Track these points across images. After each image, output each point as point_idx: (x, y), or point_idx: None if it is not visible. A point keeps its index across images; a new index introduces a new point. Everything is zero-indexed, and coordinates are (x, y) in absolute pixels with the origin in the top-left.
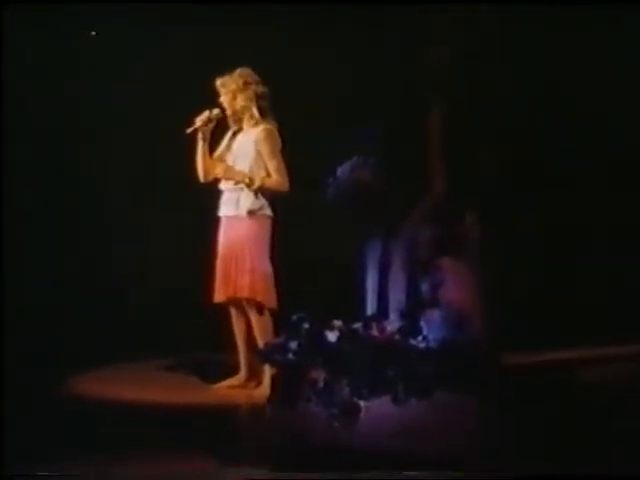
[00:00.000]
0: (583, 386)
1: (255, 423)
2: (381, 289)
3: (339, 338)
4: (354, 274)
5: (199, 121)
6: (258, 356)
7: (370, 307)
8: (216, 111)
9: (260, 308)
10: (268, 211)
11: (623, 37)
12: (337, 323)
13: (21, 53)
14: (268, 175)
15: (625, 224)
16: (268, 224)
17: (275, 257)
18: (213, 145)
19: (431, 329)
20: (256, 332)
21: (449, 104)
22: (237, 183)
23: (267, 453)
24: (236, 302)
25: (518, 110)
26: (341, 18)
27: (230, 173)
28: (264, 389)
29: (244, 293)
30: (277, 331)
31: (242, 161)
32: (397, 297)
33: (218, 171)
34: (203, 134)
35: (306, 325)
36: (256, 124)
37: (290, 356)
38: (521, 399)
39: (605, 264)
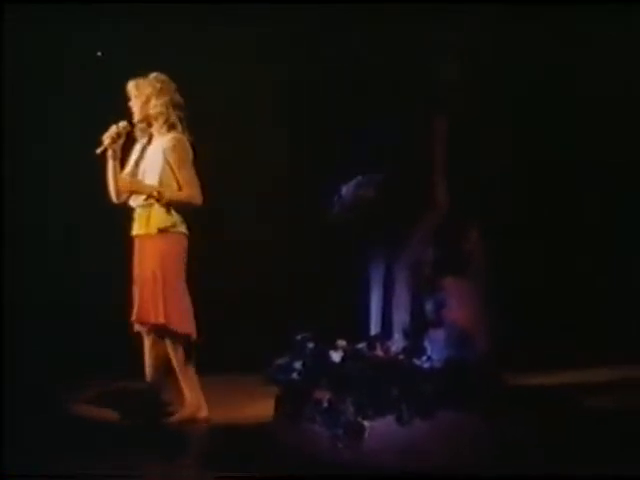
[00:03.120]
0: (588, 405)
1: (260, 443)
2: (385, 309)
3: (343, 358)
4: (358, 293)
5: (107, 138)
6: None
7: (374, 327)
8: (123, 124)
9: (175, 336)
10: (182, 228)
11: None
12: (341, 343)
13: (21, 53)
14: (179, 188)
15: (633, 237)
16: (182, 242)
17: (279, 275)
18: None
19: (435, 349)
20: (173, 361)
21: (452, 118)
22: (147, 198)
23: (270, 471)
24: (153, 328)
25: (521, 123)
26: (343, 27)
27: (137, 186)
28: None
29: (160, 319)
30: (281, 351)
31: (151, 174)
32: (401, 317)
33: (124, 185)
34: (113, 152)
35: (310, 345)
36: (167, 132)
37: (294, 376)
38: (525, 418)
39: (612, 281)
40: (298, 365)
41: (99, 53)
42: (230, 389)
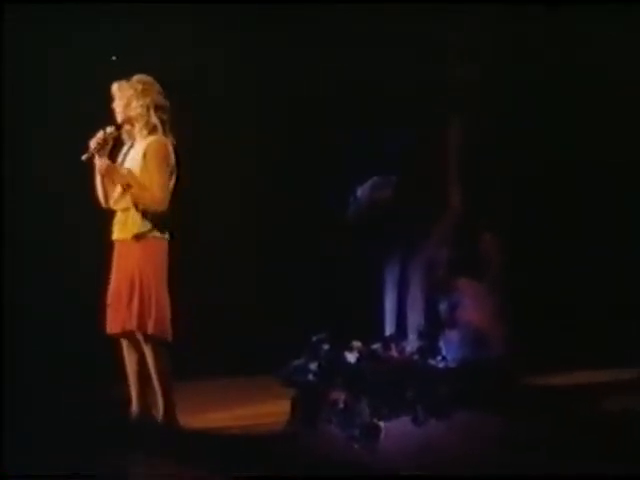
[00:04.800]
0: (604, 406)
1: (276, 444)
2: (400, 310)
3: (359, 359)
4: (373, 294)
5: (94, 144)
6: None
7: (389, 328)
8: (110, 129)
9: (152, 341)
10: (160, 233)
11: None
12: (356, 344)
13: (21, 53)
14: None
15: None
16: (161, 247)
17: (294, 277)
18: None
19: (450, 349)
20: (150, 366)
21: (467, 122)
22: (122, 191)
23: (286, 473)
24: (128, 334)
25: (536, 126)
26: (359, 31)
27: (112, 172)
28: None
29: (133, 325)
30: (297, 352)
31: None
32: (416, 318)
33: (100, 167)
34: (100, 157)
35: (326, 346)
36: (148, 135)
37: (310, 377)
38: (540, 419)
39: (629, 283)
40: (314, 366)
41: (114, 57)
42: (245, 391)
